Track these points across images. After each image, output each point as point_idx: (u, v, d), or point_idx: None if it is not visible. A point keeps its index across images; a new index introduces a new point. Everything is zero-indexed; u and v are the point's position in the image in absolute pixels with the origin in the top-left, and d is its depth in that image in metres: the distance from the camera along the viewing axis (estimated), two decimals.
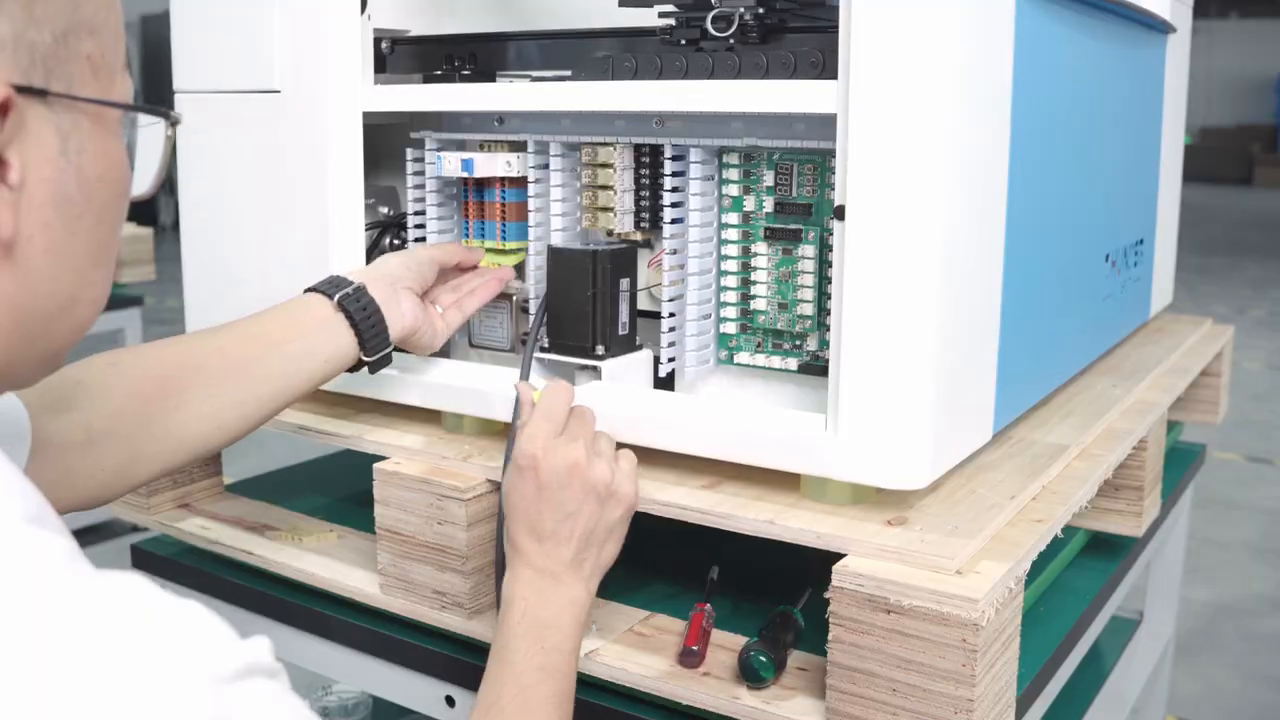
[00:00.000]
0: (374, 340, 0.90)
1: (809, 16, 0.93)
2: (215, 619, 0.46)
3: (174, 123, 0.60)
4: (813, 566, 0.83)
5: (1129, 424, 1.11)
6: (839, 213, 0.79)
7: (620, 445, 0.88)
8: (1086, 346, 1.19)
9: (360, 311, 0.89)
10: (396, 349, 0.93)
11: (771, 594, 0.97)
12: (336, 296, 0.89)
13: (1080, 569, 1.11)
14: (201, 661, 0.44)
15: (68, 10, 0.53)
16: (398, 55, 1.09)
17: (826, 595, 0.77)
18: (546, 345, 0.95)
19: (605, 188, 0.94)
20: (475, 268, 1.00)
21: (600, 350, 0.92)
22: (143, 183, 0.60)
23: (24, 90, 0.50)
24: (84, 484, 0.77)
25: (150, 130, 0.60)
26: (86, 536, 2.81)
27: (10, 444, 0.71)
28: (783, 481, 0.87)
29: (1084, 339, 1.18)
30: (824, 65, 0.83)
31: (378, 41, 1.06)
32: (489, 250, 1.01)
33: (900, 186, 0.77)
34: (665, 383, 0.97)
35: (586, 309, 0.92)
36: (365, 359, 0.90)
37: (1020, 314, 0.93)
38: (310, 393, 0.90)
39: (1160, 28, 1.31)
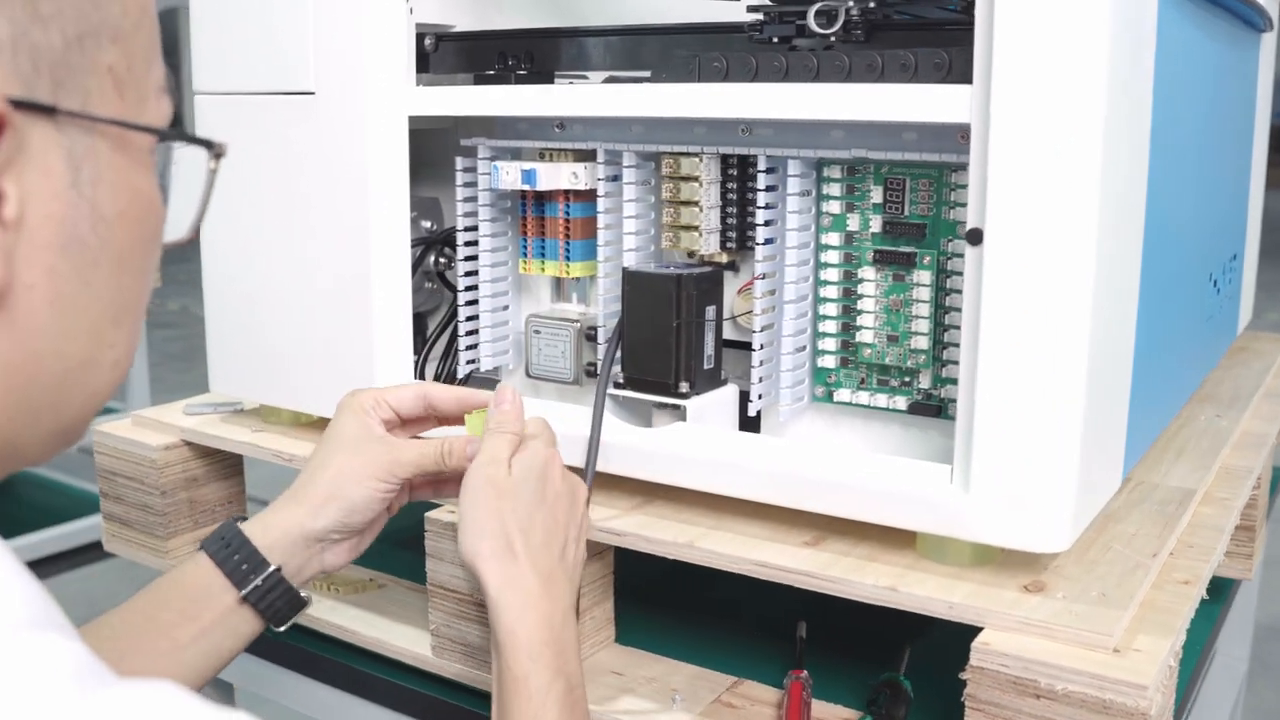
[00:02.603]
0: (285, 620, 0.76)
1: (912, 14, 0.83)
2: None
3: (218, 154, 0.50)
4: (899, 613, 0.73)
5: (1244, 460, 1.01)
6: (973, 236, 0.69)
7: (706, 495, 0.78)
8: (1193, 375, 1.09)
9: (269, 607, 0.74)
10: None
11: (861, 648, 0.87)
12: (243, 590, 0.73)
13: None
14: None
15: (83, 7, 0.42)
16: (442, 53, 0.99)
17: (963, 676, 0.67)
18: (620, 380, 0.85)
19: (689, 203, 0.84)
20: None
21: (684, 387, 0.82)
22: (179, 226, 0.49)
23: (24, 105, 0.40)
24: None
25: (184, 161, 0.50)
26: (83, 555, 2.69)
27: None
28: (892, 537, 0.77)
29: (1191, 367, 1.08)
30: (950, 67, 0.72)
31: (420, 38, 0.96)
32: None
33: (1051, 206, 0.66)
34: (751, 423, 0.86)
35: (669, 341, 0.81)
36: (273, 631, 0.76)
37: (1148, 346, 0.83)
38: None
39: (1259, 24, 1.21)
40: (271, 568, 0.74)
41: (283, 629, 0.77)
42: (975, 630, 0.69)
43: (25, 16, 0.40)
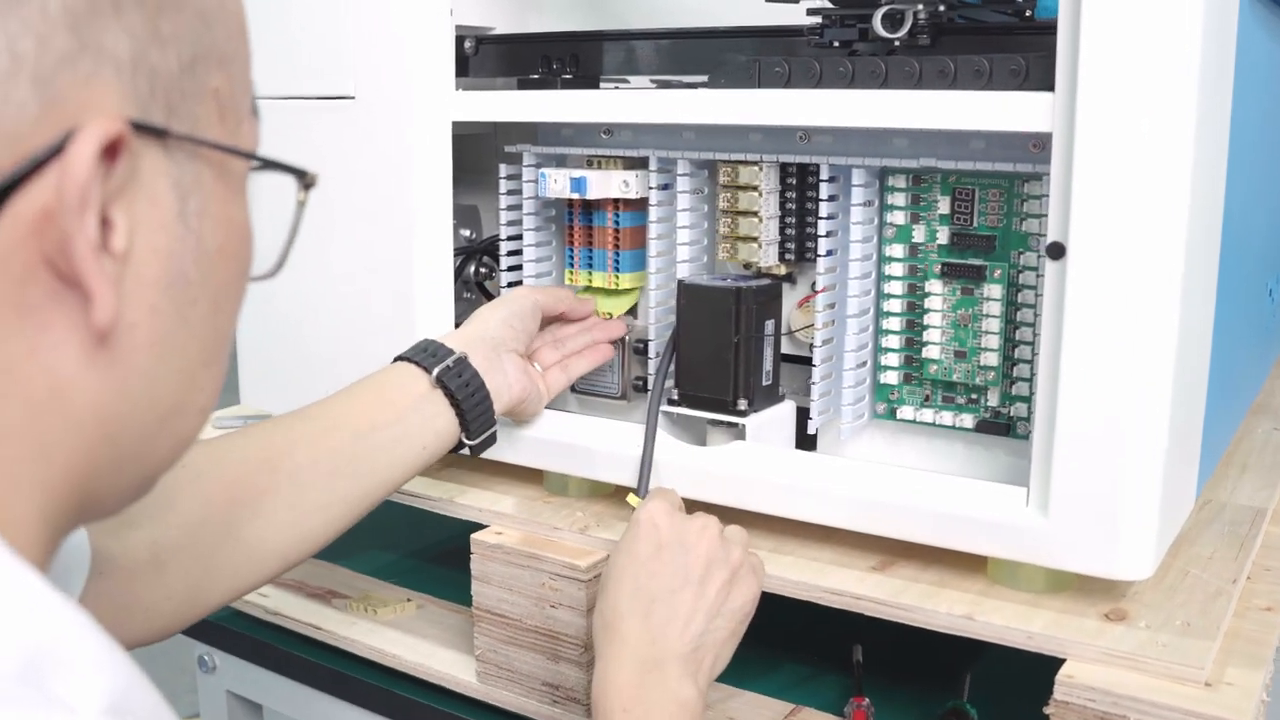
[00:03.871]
0: (478, 420, 0.77)
1: (976, 19, 0.80)
2: None
3: (308, 185, 0.46)
4: (952, 635, 0.70)
5: None
6: (1054, 250, 0.66)
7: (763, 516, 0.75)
8: (1252, 386, 1.07)
9: (462, 388, 0.76)
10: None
11: (913, 670, 0.84)
12: (435, 371, 0.76)
13: None
14: None
15: (198, 29, 0.39)
16: (482, 56, 0.96)
17: (1047, 710, 0.64)
18: (674, 397, 0.82)
19: (748, 214, 0.81)
20: (584, 318, 0.87)
21: (742, 404, 0.79)
22: (265, 260, 0.45)
23: (141, 128, 0.37)
24: (155, 612, 0.64)
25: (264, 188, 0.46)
26: None
27: (65, 575, 0.57)
28: (962, 560, 0.74)
29: (1250, 380, 1.05)
30: (1027, 74, 0.69)
31: (460, 40, 0.93)
32: (597, 291, 0.88)
33: (1139, 218, 0.63)
34: (807, 440, 0.83)
35: (727, 356, 0.78)
36: (468, 441, 0.77)
37: (1220, 360, 0.80)
38: (404, 484, 0.77)
39: None
40: (460, 352, 0.77)
41: (477, 442, 0.78)
42: (1033, 653, 0.66)
43: (146, 34, 0.37)
